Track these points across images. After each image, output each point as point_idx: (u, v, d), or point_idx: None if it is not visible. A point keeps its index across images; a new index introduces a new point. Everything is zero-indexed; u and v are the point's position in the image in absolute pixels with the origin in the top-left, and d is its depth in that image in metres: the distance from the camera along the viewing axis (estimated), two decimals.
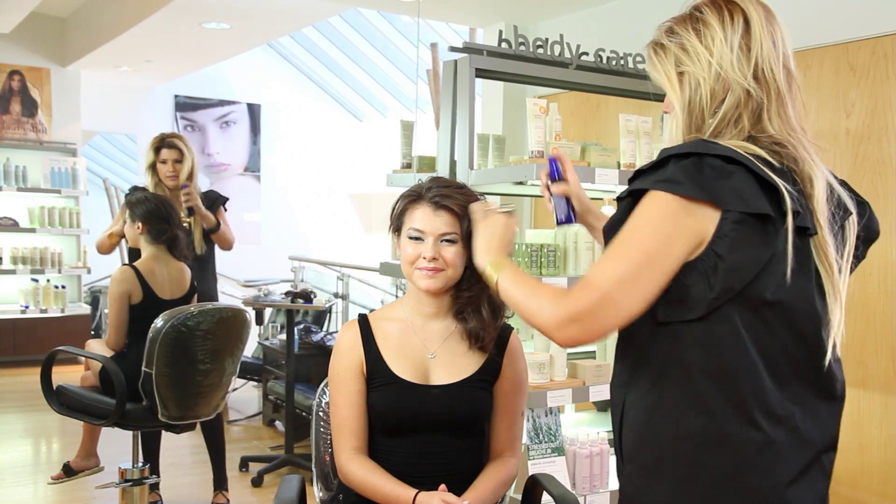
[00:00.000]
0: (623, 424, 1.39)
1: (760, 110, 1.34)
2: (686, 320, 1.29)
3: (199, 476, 4.26)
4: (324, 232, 9.92)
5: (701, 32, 1.36)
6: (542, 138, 2.62)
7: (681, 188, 1.25)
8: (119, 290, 3.25)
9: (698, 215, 1.26)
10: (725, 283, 1.26)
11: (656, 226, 1.27)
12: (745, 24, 1.35)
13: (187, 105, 9.19)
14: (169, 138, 3.91)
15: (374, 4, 6.15)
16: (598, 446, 2.75)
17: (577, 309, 1.28)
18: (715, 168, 1.25)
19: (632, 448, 1.37)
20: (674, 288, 1.28)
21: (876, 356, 3.21)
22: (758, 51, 1.34)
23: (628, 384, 1.39)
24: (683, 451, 1.30)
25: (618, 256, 1.29)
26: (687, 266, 1.27)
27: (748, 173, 1.26)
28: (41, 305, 7.21)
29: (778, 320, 1.29)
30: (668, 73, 1.40)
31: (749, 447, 1.27)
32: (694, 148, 1.28)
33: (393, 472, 1.85)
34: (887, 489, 3.18)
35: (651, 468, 1.34)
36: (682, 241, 1.27)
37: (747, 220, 1.25)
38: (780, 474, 1.29)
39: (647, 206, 1.29)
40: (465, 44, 2.70)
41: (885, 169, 3.20)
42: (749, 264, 1.26)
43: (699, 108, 1.36)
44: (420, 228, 1.86)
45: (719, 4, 1.37)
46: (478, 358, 1.92)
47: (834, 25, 3.40)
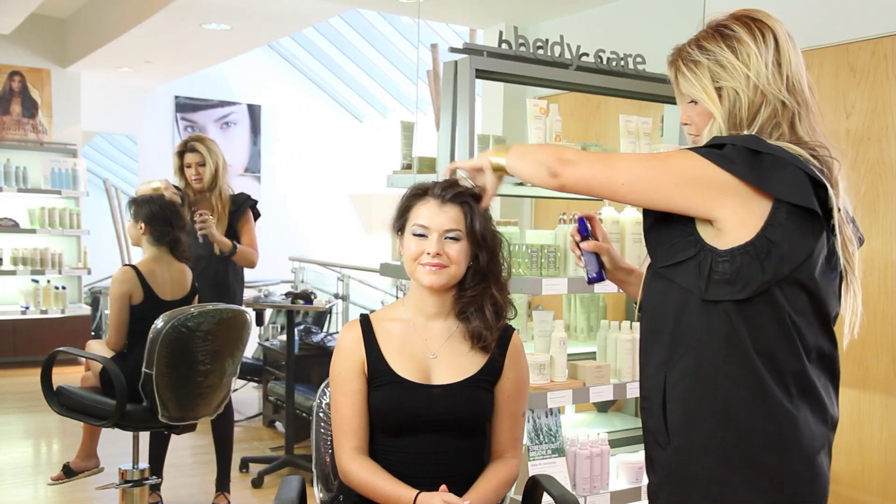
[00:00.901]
0: (667, 400, 1.46)
1: (794, 119, 1.47)
2: (735, 300, 1.39)
3: (199, 477, 4.26)
4: (324, 233, 9.92)
5: (736, 49, 1.47)
6: (543, 139, 2.62)
7: (734, 168, 1.38)
8: (120, 290, 3.25)
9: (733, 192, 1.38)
10: (777, 267, 1.37)
11: (686, 171, 1.41)
12: (775, 41, 1.48)
13: (187, 106, 9.19)
14: (192, 142, 3.88)
15: (375, 5, 6.15)
16: (598, 447, 2.75)
17: (578, 156, 1.50)
18: (769, 161, 1.38)
19: (680, 422, 1.45)
20: (724, 269, 1.39)
21: (876, 357, 3.21)
22: (787, 65, 1.48)
23: (668, 362, 1.47)
24: (734, 422, 1.40)
25: (641, 156, 1.48)
26: (738, 250, 1.38)
27: (799, 170, 1.38)
28: (41, 306, 7.21)
29: (812, 306, 1.42)
30: (706, 88, 1.49)
31: (790, 417, 1.40)
32: (751, 143, 1.40)
33: (394, 472, 1.85)
34: (888, 490, 3.18)
35: (704, 439, 1.43)
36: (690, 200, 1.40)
37: (798, 211, 1.37)
38: (814, 443, 1.42)
39: (689, 157, 1.42)
40: (466, 45, 2.70)
41: (885, 170, 3.21)
42: (800, 252, 1.38)
43: (738, 118, 1.47)
44: (425, 224, 1.86)
45: (747, 23, 1.49)
46: (479, 358, 1.92)
47: (834, 26, 3.40)
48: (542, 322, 2.72)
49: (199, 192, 3.85)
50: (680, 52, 1.55)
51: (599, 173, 1.47)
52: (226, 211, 3.89)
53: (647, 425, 1.53)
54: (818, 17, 3.47)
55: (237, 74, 9.31)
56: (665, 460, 1.48)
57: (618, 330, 2.93)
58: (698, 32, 1.55)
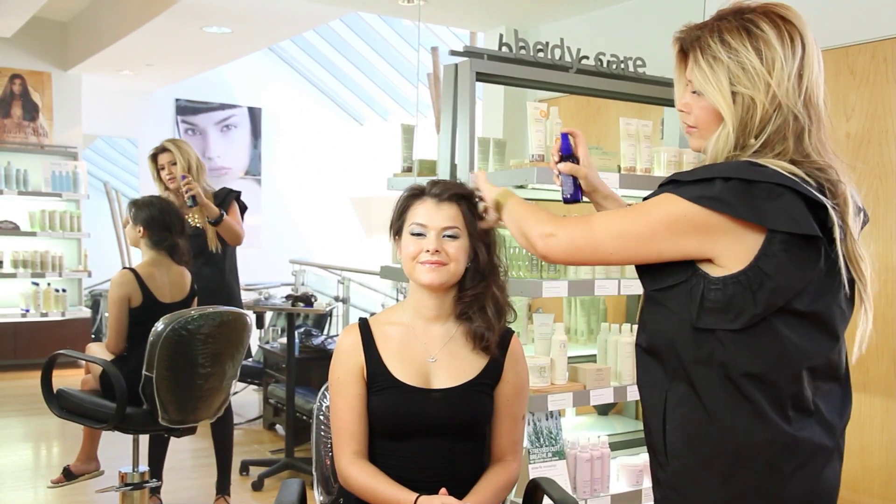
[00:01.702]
0: (667, 421, 1.43)
1: (802, 133, 1.38)
2: (728, 329, 1.34)
3: (199, 480, 4.26)
4: (324, 235, 9.92)
5: (762, 53, 1.36)
6: (543, 142, 2.62)
7: (730, 209, 1.31)
8: (119, 293, 3.25)
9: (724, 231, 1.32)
10: (770, 300, 1.31)
11: (669, 223, 1.35)
12: (803, 48, 1.38)
13: (188, 109, 9.20)
14: (162, 143, 3.94)
15: (375, 8, 6.16)
16: (598, 450, 2.74)
17: (565, 230, 1.46)
18: (764, 190, 1.30)
19: (679, 445, 1.42)
20: (716, 298, 1.34)
21: (877, 360, 3.21)
22: (809, 76, 1.39)
23: (667, 384, 1.43)
24: (732, 447, 1.36)
25: (623, 215, 1.42)
26: (729, 279, 1.33)
27: (796, 195, 1.31)
28: (42, 309, 7.21)
29: (816, 328, 1.37)
30: (723, 90, 1.39)
31: (789, 440, 1.35)
32: (743, 173, 1.32)
33: (394, 476, 1.85)
34: (888, 492, 3.18)
35: (702, 463, 1.39)
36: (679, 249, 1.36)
37: (794, 240, 1.30)
38: (816, 461, 1.38)
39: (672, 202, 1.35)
40: (466, 48, 2.70)
41: (885, 172, 3.21)
42: (795, 284, 1.32)
43: (748, 128, 1.38)
44: (422, 223, 1.87)
45: (776, 23, 1.38)
46: (479, 362, 1.92)
47: (834, 29, 3.40)
48: (542, 325, 2.72)
49: (176, 192, 3.86)
50: (698, 40, 1.43)
51: (582, 242, 1.44)
52: None
53: (648, 441, 1.51)
54: (818, 19, 3.47)
55: (238, 77, 9.32)
56: (665, 480, 1.45)
57: (618, 333, 2.92)
58: (721, 18, 1.43)
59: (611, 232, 1.41)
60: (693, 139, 1.50)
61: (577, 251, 1.45)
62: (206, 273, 3.86)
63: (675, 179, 1.39)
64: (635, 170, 2.84)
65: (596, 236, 1.42)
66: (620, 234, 1.39)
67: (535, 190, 2.84)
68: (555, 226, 1.48)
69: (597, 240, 1.42)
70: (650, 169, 2.86)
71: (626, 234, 1.39)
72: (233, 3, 5.61)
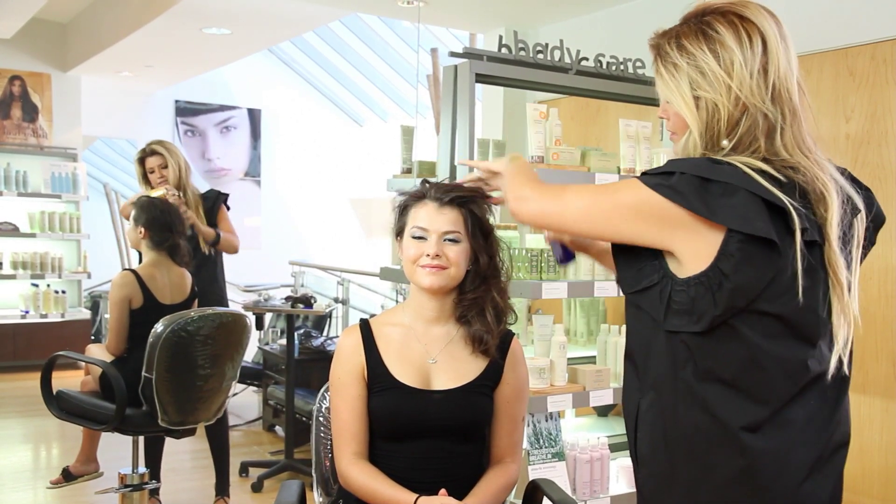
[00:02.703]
0: (638, 429, 1.42)
1: (774, 132, 1.34)
2: (693, 332, 1.31)
3: (198, 481, 4.26)
4: (324, 237, 9.92)
5: (719, 55, 1.34)
6: (543, 143, 2.63)
7: (682, 199, 1.29)
8: (119, 294, 3.25)
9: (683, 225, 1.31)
10: (730, 301, 1.28)
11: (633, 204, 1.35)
12: (763, 44, 1.34)
13: (188, 110, 9.20)
14: (150, 146, 3.92)
15: (375, 10, 6.16)
16: (598, 451, 2.74)
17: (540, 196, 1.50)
18: (720, 188, 1.27)
19: (647, 452, 1.41)
20: (681, 299, 1.31)
21: (876, 360, 3.21)
22: (775, 71, 1.34)
23: (641, 390, 1.42)
24: (697, 454, 1.33)
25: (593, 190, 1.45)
26: (692, 280, 1.30)
27: (752, 195, 1.27)
28: (41, 310, 7.21)
29: (787, 331, 1.31)
30: (684, 95, 1.37)
31: (757, 451, 1.30)
32: (701, 171, 1.30)
33: (393, 477, 1.85)
34: (888, 494, 3.18)
35: (666, 471, 1.37)
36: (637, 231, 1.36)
37: (751, 240, 1.26)
38: (791, 475, 1.31)
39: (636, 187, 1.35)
40: (466, 49, 2.70)
41: (885, 174, 3.21)
42: (753, 283, 1.28)
43: (716, 131, 1.35)
44: (424, 226, 1.86)
45: (733, 22, 1.35)
46: (479, 363, 1.92)
47: (833, 31, 3.40)
48: (542, 326, 2.72)
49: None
50: (659, 49, 1.42)
51: (551, 209, 1.47)
52: (200, 210, 3.90)
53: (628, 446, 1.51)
54: (818, 21, 3.48)
55: (237, 79, 9.32)
56: (639, 487, 1.45)
57: (618, 334, 2.93)
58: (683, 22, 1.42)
59: (578, 204, 1.42)
60: (675, 144, 1.49)
61: (544, 216, 1.49)
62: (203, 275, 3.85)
63: (646, 172, 1.40)
64: (635, 171, 2.84)
65: (565, 206, 1.45)
66: (586, 208, 1.41)
67: None
68: (532, 190, 1.52)
69: (564, 209, 1.44)
70: None
71: (591, 208, 1.41)
72: (232, 4, 5.61)
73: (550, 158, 2.62)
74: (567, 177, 2.61)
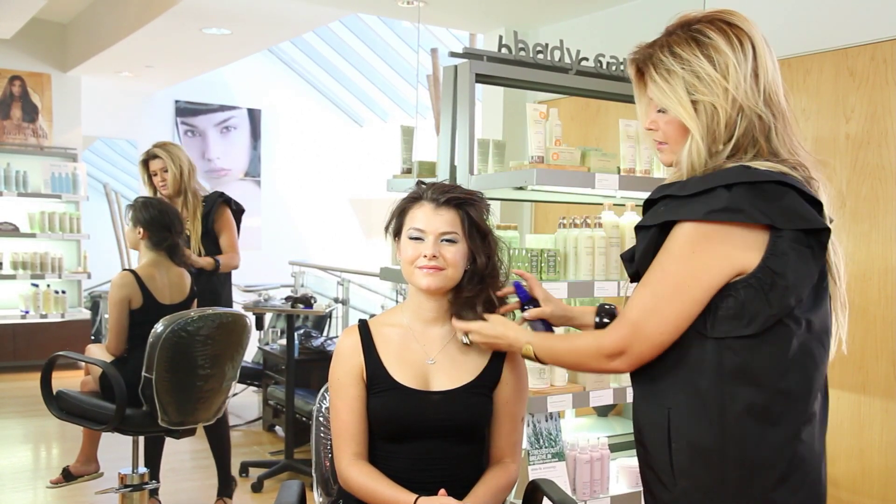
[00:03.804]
0: (672, 440, 1.39)
1: (770, 132, 1.39)
2: (742, 336, 1.33)
3: (198, 482, 4.26)
4: (324, 237, 9.92)
5: (713, 59, 1.38)
6: (543, 143, 2.62)
7: (742, 216, 1.31)
8: (119, 294, 3.25)
9: (742, 239, 1.32)
10: (784, 299, 1.32)
11: (689, 256, 1.33)
12: (753, 50, 1.39)
13: (188, 110, 9.20)
14: (152, 149, 3.92)
15: (375, 10, 6.16)
16: (598, 451, 2.74)
17: (614, 344, 1.41)
18: (769, 191, 1.31)
19: (688, 463, 1.38)
20: (729, 305, 1.33)
21: (876, 361, 3.21)
22: (764, 74, 1.39)
23: (670, 399, 1.40)
24: (746, 461, 1.35)
25: (648, 290, 1.37)
26: (740, 284, 1.33)
27: (796, 192, 1.33)
28: (41, 310, 7.21)
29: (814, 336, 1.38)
30: (682, 101, 1.39)
31: (797, 448, 1.36)
32: (742, 177, 1.32)
33: (393, 477, 1.85)
34: (888, 494, 3.18)
35: (715, 480, 1.36)
36: (716, 270, 1.33)
37: (800, 237, 1.31)
38: (818, 466, 1.41)
39: (681, 237, 1.34)
40: (466, 49, 2.70)
41: (885, 174, 3.21)
42: (806, 281, 1.33)
43: (716, 134, 1.38)
44: (421, 228, 1.87)
45: (723, 28, 1.40)
46: (478, 363, 1.92)
47: (833, 31, 3.41)
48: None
49: (168, 198, 3.86)
50: (651, 57, 1.44)
51: (642, 346, 1.38)
52: (198, 214, 3.88)
53: (646, 461, 1.46)
54: (818, 21, 3.48)
55: (237, 79, 9.32)
56: (672, 501, 1.40)
57: None
58: (670, 33, 1.45)
59: (651, 316, 1.37)
60: (664, 154, 1.50)
61: (641, 355, 1.40)
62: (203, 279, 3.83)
63: (669, 194, 1.37)
64: (635, 171, 2.84)
65: (643, 331, 1.37)
66: (659, 312, 1.36)
67: (535, 191, 2.85)
68: (604, 346, 1.43)
69: (647, 333, 1.37)
70: (649, 170, 2.86)
71: (663, 308, 1.35)
72: (232, 4, 5.62)
73: (550, 158, 2.62)
74: (567, 177, 2.61)
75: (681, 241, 1.34)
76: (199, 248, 3.87)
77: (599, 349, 1.44)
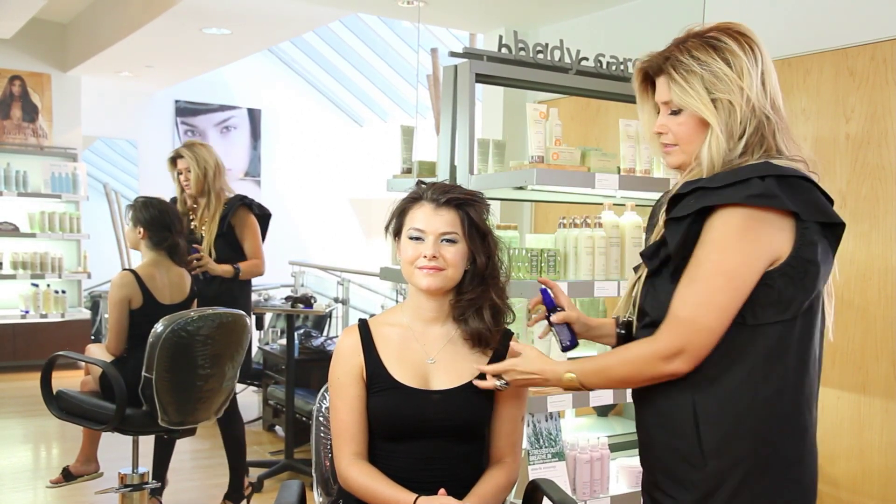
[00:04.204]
0: (700, 422, 1.45)
1: (776, 133, 1.49)
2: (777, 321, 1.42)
3: (199, 482, 4.26)
4: (324, 237, 9.92)
5: (730, 62, 1.48)
6: (543, 143, 2.62)
7: (777, 202, 1.39)
8: (119, 294, 3.25)
9: (778, 227, 1.41)
10: (818, 285, 1.44)
11: (737, 243, 1.39)
12: (761, 57, 1.51)
13: (188, 110, 9.20)
14: (180, 148, 3.87)
15: (375, 10, 6.17)
16: (598, 451, 2.74)
17: (672, 344, 1.43)
18: (794, 185, 1.42)
19: (718, 443, 1.45)
20: (766, 293, 1.42)
21: (876, 361, 3.21)
22: (769, 82, 1.52)
23: (696, 382, 1.46)
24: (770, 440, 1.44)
25: (699, 284, 1.41)
26: (775, 273, 1.41)
27: (816, 188, 1.44)
28: (41, 310, 7.21)
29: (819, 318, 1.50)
30: (702, 98, 1.48)
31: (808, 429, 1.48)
32: (771, 171, 1.42)
33: (393, 477, 1.85)
34: (888, 494, 3.18)
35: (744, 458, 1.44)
36: (764, 255, 1.41)
37: (820, 230, 1.43)
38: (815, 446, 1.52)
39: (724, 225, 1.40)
40: (466, 49, 2.70)
41: (885, 174, 3.21)
42: (829, 268, 1.47)
43: (732, 130, 1.48)
44: (420, 228, 1.87)
45: (735, 36, 1.51)
46: (478, 363, 1.92)
47: (833, 31, 3.41)
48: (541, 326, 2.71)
49: (192, 198, 3.84)
50: (668, 61, 1.52)
51: (700, 340, 1.42)
52: (216, 216, 3.81)
53: (670, 444, 1.50)
54: (818, 21, 3.48)
55: (237, 79, 9.32)
56: (702, 480, 1.46)
57: None
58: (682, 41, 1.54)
59: (707, 309, 1.41)
60: (673, 157, 1.56)
61: (700, 351, 1.43)
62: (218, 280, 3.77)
63: (701, 187, 1.44)
64: (635, 171, 2.84)
65: (700, 325, 1.41)
66: (714, 303, 1.40)
67: (535, 191, 2.85)
68: (660, 349, 1.45)
69: (705, 326, 1.41)
70: (649, 170, 2.86)
71: (719, 299, 1.40)
72: (232, 4, 5.62)
73: (550, 158, 2.62)
74: (567, 177, 2.61)
75: (723, 229, 1.40)
76: (212, 250, 3.77)
77: (655, 353, 1.45)
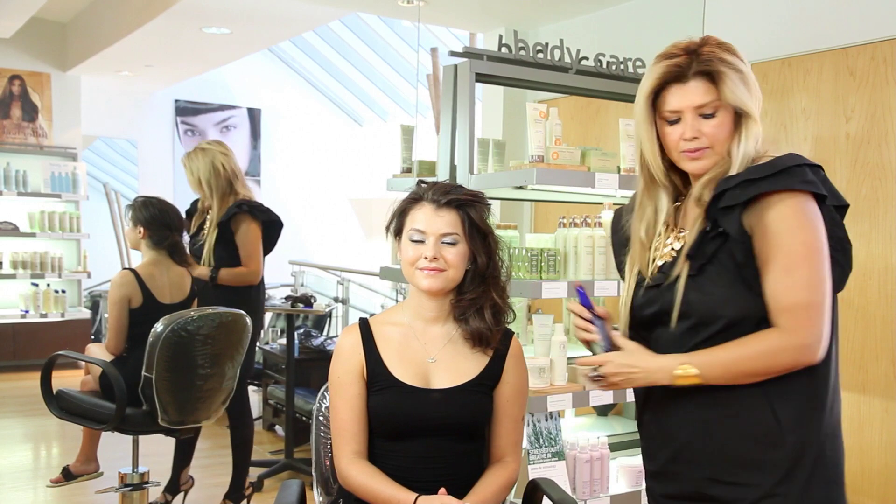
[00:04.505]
0: (774, 402, 1.51)
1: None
2: None
3: (199, 481, 4.25)
4: (324, 236, 9.92)
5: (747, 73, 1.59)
6: (543, 143, 2.62)
7: (815, 187, 1.50)
8: (119, 294, 3.25)
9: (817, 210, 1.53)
10: (850, 262, 1.56)
11: (808, 223, 1.48)
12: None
13: (188, 110, 9.20)
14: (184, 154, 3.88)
15: (375, 9, 6.16)
16: (598, 451, 2.74)
17: (806, 332, 1.46)
18: (817, 172, 1.54)
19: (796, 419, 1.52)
20: None
21: (876, 360, 3.21)
22: None
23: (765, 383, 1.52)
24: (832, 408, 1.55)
25: (801, 270, 1.47)
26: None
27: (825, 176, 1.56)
28: (41, 310, 7.21)
29: None
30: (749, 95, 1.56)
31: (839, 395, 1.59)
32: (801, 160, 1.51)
33: (393, 476, 1.85)
34: (888, 494, 3.18)
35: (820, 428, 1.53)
36: (825, 233, 1.50)
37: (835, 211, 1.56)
38: None
39: (792, 209, 1.48)
40: (466, 49, 2.70)
41: (885, 174, 3.21)
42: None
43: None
44: (421, 229, 1.87)
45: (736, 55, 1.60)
46: (479, 362, 1.92)
47: (833, 30, 3.41)
48: (541, 326, 2.72)
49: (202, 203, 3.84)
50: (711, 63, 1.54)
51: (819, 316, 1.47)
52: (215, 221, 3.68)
53: (738, 430, 1.52)
54: (818, 21, 3.48)
55: (237, 78, 9.32)
56: (784, 457, 1.50)
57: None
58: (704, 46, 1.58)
59: (817, 290, 1.47)
60: (705, 160, 1.57)
61: (826, 333, 1.48)
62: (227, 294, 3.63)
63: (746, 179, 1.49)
64: (635, 171, 2.84)
65: (820, 307, 1.47)
66: (821, 282, 1.48)
67: (535, 191, 2.85)
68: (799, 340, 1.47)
69: (823, 307, 1.48)
70: None
71: (822, 276, 1.48)
72: (232, 4, 5.61)
73: (550, 158, 2.62)
74: (567, 176, 2.61)
75: (793, 212, 1.47)
76: (210, 257, 3.64)
77: (795, 345, 1.46)
